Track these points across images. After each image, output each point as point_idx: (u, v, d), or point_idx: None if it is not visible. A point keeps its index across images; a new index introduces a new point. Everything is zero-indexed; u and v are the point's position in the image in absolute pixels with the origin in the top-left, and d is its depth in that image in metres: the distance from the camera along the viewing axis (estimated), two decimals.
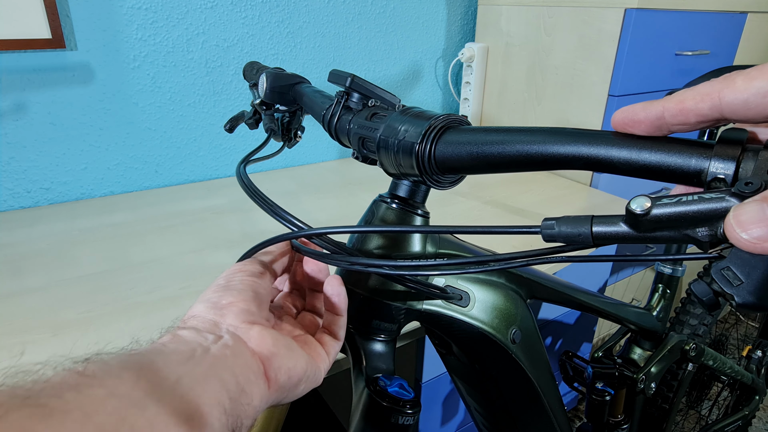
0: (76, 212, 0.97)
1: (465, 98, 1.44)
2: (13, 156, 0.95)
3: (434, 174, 0.35)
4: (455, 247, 0.45)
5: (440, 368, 0.88)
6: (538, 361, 0.50)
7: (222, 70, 1.11)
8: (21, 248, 0.83)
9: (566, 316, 1.13)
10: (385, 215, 0.41)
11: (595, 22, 1.11)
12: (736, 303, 0.20)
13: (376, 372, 0.40)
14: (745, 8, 1.28)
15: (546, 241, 0.25)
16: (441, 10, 1.40)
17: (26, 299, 0.69)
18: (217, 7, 1.06)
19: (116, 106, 1.02)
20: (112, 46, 0.98)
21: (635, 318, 0.73)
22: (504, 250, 0.35)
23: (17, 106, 0.93)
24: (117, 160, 1.06)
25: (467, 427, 1.02)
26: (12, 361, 0.41)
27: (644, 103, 0.25)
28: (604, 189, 1.19)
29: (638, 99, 1.16)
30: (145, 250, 0.83)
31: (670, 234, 0.21)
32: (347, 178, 1.21)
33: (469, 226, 0.29)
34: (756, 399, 1.10)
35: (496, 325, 0.46)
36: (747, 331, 1.82)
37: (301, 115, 0.60)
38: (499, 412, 0.53)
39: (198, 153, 1.15)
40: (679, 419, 1.35)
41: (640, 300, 1.56)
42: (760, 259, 0.20)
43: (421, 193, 0.41)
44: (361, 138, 0.40)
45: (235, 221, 0.95)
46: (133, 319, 0.66)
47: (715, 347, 1.18)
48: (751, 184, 0.19)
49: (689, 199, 0.21)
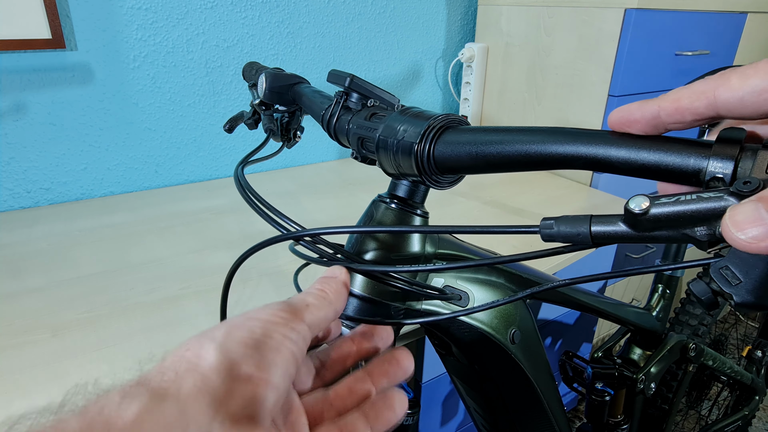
0: (75, 212, 0.97)
1: (465, 98, 1.44)
2: (13, 156, 0.95)
3: (433, 174, 0.35)
4: (455, 247, 0.45)
5: (440, 368, 0.87)
6: (537, 362, 0.50)
7: (222, 71, 1.11)
8: (21, 248, 0.83)
9: (566, 316, 1.13)
10: (384, 215, 0.41)
11: (595, 22, 1.11)
12: (734, 302, 0.20)
13: None
14: (745, 8, 1.28)
15: (545, 240, 0.25)
16: (441, 10, 1.40)
17: (26, 299, 0.69)
18: (217, 7, 1.06)
19: (116, 107, 1.02)
20: (112, 46, 0.98)
21: (635, 318, 0.73)
22: (504, 250, 0.35)
23: (17, 107, 0.93)
24: (117, 160, 1.06)
25: (467, 427, 1.02)
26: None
27: (640, 102, 0.25)
28: (604, 189, 1.19)
29: (638, 99, 1.16)
30: (144, 251, 0.83)
31: (668, 233, 0.21)
32: (347, 179, 1.21)
33: (467, 226, 0.28)
34: (756, 399, 1.10)
35: (495, 325, 0.46)
36: (747, 331, 1.82)
37: (300, 116, 0.60)
38: (499, 412, 0.53)
39: (198, 153, 1.15)
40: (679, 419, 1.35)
41: (640, 300, 1.56)
42: (758, 258, 0.20)
43: (421, 193, 0.41)
44: (360, 138, 0.40)
45: (234, 221, 0.95)
46: (133, 319, 0.65)
47: (715, 347, 1.18)
48: (750, 183, 0.19)
49: (687, 198, 0.21)
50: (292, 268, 0.78)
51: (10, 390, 0.54)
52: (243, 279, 0.75)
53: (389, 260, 0.40)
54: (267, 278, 0.75)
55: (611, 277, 0.27)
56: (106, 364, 0.58)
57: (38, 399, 0.53)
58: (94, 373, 0.56)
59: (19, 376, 0.55)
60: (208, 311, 0.67)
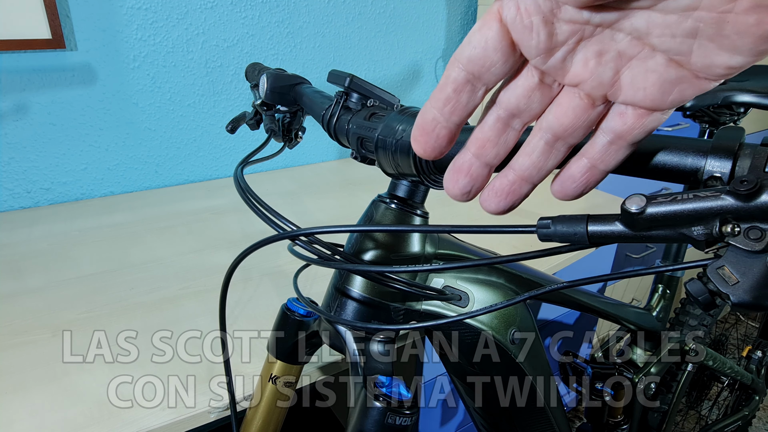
0: (76, 212, 0.97)
1: None
2: (13, 156, 0.95)
3: (432, 173, 0.35)
4: (454, 247, 0.45)
5: (440, 368, 0.87)
6: (537, 362, 0.50)
7: (222, 71, 1.11)
8: (21, 248, 0.83)
9: (566, 316, 1.13)
10: (384, 216, 0.41)
11: None
12: (732, 302, 0.20)
13: (374, 372, 0.40)
14: None
15: (542, 240, 0.25)
16: (441, 10, 1.40)
17: (26, 299, 0.69)
18: (217, 7, 1.06)
19: (116, 106, 1.02)
20: (112, 46, 0.98)
21: (635, 318, 0.73)
22: (504, 250, 0.35)
23: (17, 107, 0.93)
24: (117, 160, 1.06)
25: (467, 427, 1.02)
26: None
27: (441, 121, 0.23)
28: (604, 189, 1.19)
29: None
30: (144, 251, 0.83)
31: (665, 233, 0.21)
32: (347, 179, 1.21)
33: (465, 226, 0.28)
34: (756, 399, 1.10)
35: (495, 325, 0.46)
36: (747, 331, 1.82)
37: (301, 116, 0.60)
38: (499, 412, 0.53)
39: (198, 153, 1.15)
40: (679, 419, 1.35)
41: (640, 300, 1.56)
42: (756, 258, 0.20)
43: (420, 193, 0.41)
44: (360, 138, 0.40)
45: (235, 221, 0.95)
46: (133, 319, 0.66)
47: (715, 347, 1.18)
48: (747, 182, 0.19)
49: (685, 197, 0.20)
50: (292, 268, 0.78)
51: (10, 390, 0.54)
52: (243, 279, 0.75)
53: (389, 261, 0.40)
54: (267, 278, 0.75)
55: (611, 278, 0.27)
56: (107, 364, 0.58)
57: (38, 399, 0.53)
58: (94, 373, 0.56)
59: (19, 376, 0.56)
60: (208, 311, 0.68)
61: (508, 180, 0.23)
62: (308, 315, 0.48)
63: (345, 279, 0.42)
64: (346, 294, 0.41)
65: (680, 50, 0.19)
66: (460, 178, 0.23)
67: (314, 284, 0.74)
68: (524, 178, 0.23)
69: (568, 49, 0.20)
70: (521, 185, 0.23)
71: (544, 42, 0.20)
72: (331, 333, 0.44)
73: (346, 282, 0.41)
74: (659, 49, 0.19)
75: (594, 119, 0.22)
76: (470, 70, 0.21)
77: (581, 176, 0.23)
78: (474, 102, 0.22)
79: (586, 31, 0.20)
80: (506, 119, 0.22)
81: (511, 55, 0.21)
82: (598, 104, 0.21)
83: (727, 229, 0.20)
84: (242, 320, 0.66)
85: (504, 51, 0.20)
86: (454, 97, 0.22)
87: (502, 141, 0.23)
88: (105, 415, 0.51)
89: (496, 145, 0.23)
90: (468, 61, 0.21)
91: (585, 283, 0.27)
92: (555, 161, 0.23)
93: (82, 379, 0.55)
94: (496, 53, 0.20)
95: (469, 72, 0.21)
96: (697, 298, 0.22)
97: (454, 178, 0.23)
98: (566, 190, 0.23)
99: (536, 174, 0.23)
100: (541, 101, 0.22)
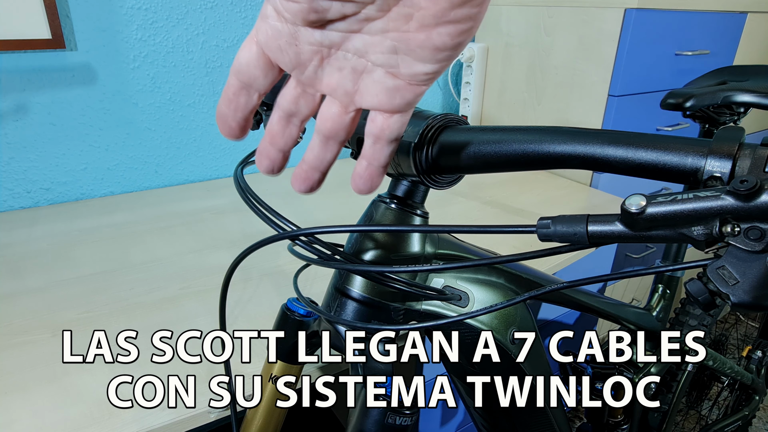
0: (75, 212, 0.97)
1: (465, 98, 1.44)
2: (13, 156, 0.95)
3: (432, 173, 0.35)
4: (454, 247, 0.45)
5: (440, 368, 0.87)
6: (537, 361, 0.50)
7: (222, 70, 1.11)
8: (21, 248, 0.83)
9: (566, 316, 1.13)
10: (384, 216, 0.41)
11: (595, 22, 1.11)
12: (731, 302, 0.20)
13: (374, 372, 0.40)
14: (745, 8, 1.27)
15: (542, 240, 0.25)
16: None
17: (26, 299, 0.69)
18: (217, 7, 1.06)
19: (116, 106, 1.02)
20: (112, 46, 0.98)
21: (635, 318, 0.73)
22: (504, 250, 0.35)
23: (17, 107, 0.93)
24: (117, 160, 1.06)
25: (467, 427, 1.02)
26: None
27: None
28: (604, 189, 1.19)
29: (638, 99, 1.17)
30: (144, 251, 0.83)
31: (665, 233, 0.21)
32: (347, 179, 1.20)
33: (465, 226, 0.29)
34: (756, 399, 1.10)
35: (495, 325, 0.46)
36: (747, 331, 1.82)
37: None
38: (499, 412, 0.53)
39: (198, 153, 1.15)
40: (679, 419, 1.35)
41: (640, 300, 1.56)
42: (756, 258, 0.20)
43: (420, 193, 0.41)
44: (359, 138, 0.40)
45: (235, 221, 0.95)
46: (133, 319, 0.66)
47: (715, 347, 1.18)
48: (747, 182, 0.19)
49: (684, 197, 0.20)
50: (292, 268, 0.79)
51: (10, 390, 0.54)
52: (243, 279, 0.75)
53: (389, 261, 0.40)
54: (267, 278, 0.75)
55: (611, 278, 0.27)
56: (106, 364, 0.58)
57: (38, 399, 0.53)
58: (94, 373, 0.56)
59: (19, 376, 0.56)
60: (208, 311, 0.68)
61: (302, 169, 0.28)
62: (308, 315, 0.48)
63: (345, 279, 0.42)
64: (346, 294, 0.41)
65: (390, 63, 0.24)
66: (263, 160, 0.28)
67: (314, 284, 0.74)
68: (313, 167, 0.28)
69: (315, 65, 0.24)
70: (312, 173, 0.28)
71: (293, 60, 0.24)
72: (331, 333, 0.44)
73: (346, 282, 0.41)
74: (376, 64, 0.24)
75: (349, 122, 0.26)
76: (241, 80, 0.25)
77: (364, 172, 0.28)
78: (252, 103, 0.26)
79: (324, 51, 0.24)
80: (286, 118, 0.27)
81: (271, 70, 0.25)
82: (350, 110, 0.26)
83: (727, 229, 0.20)
84: (242, 320, 0.66)
85: (263, 67, 0.25)
86: (234, 99, 0.26)
87: (287, 133, 0.27)
88: (105, 415, 0.51)
89: (283, 136, 0.27)
90: (238, 73, 0.25)
91: (585, 283, 0.27)
92: (332, 155, 0.28)
93: (82, 379, 0.55)
94: (257, 69, 0.25)
95: (240, 81, 0.25)
96: (697, 298, 0.22)
97: (259, 159, 0.28)
98: (357, 185, 0.28)
99: (320, 164, 0.28)
100: (308, 105, 0.26)
